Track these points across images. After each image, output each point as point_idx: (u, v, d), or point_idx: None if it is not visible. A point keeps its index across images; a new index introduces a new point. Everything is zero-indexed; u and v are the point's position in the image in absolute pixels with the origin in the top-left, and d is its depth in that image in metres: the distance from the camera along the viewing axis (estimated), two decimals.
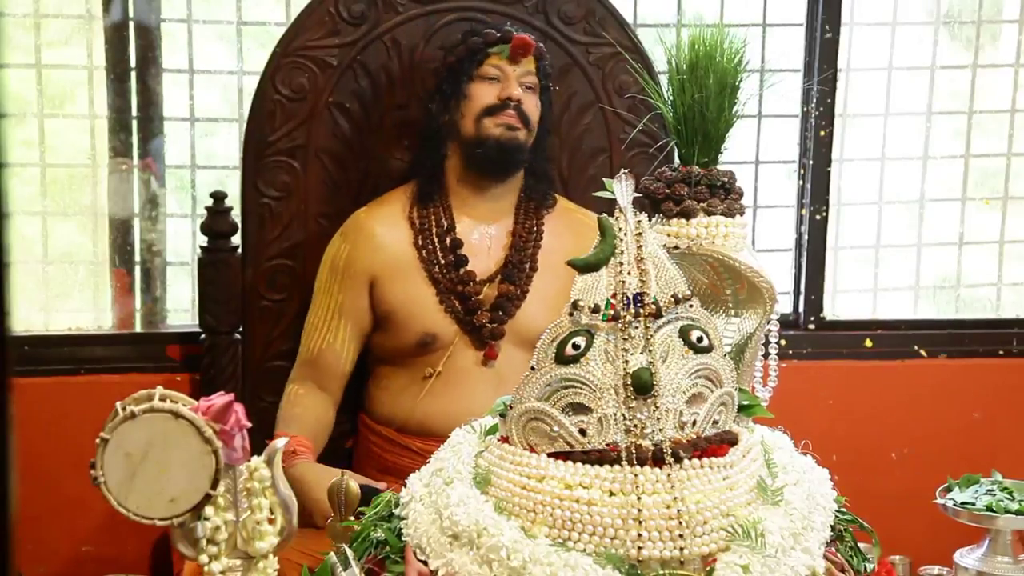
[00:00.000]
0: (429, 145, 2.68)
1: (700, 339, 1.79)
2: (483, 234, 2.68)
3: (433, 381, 2.62)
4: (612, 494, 1.71)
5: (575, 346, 1.76)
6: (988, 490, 2.58)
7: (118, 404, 1.58)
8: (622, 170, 1.89)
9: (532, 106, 2.65)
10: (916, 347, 3.25)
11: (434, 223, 2.65)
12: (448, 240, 2.64)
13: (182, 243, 3.09)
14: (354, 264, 2.65)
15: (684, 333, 1.79)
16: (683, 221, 1.98)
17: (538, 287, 2.66)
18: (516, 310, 2.64)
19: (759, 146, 3.25)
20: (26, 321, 2.96)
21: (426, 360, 2.63)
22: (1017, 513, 2.49)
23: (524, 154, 2.65)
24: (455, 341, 2.62)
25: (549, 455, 1.76)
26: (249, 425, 1.63)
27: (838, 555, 1.86)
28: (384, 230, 2.66)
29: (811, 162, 3.17)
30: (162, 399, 1.58)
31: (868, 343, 3.24)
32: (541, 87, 2.68)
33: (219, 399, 1.60)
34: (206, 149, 3.10)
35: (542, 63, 2.68)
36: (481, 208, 2.68)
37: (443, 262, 2.64)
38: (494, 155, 2.61)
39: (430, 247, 2.64)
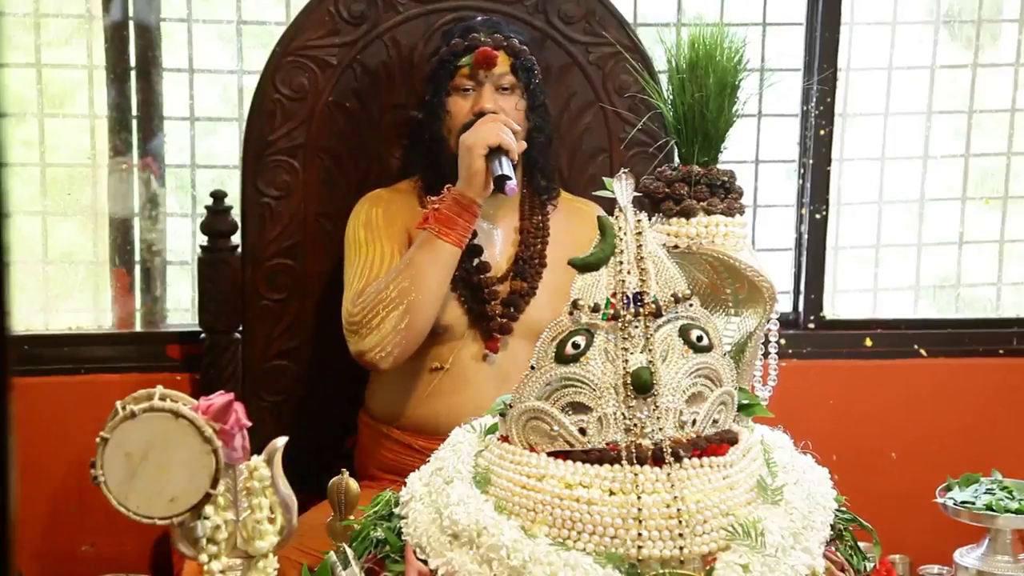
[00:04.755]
0: (420, 153, 2.66)
1: (700, 338, 1.79)
2: (490, 232, 2.64)
3: (439, 378, 2.59)
4: (612, 493, 1.71)
5: (575, 345, 1.76)
6: (988, 489, 2.58)
7: (118, 404, 1.58)
8: (622, 169, 1.89)
9: (511, 109, 2.58)
10: (916, 347, 3.25)
11: None
12: None
13: (182, 243, 3.09)
14: (393, 220, 2.60)
15: (684, 332, 1.79)
16: (683, 220, 1.98)
17: (546, 283, 2.64)
18: (527, 307, 2.62)
19: (759, 145, 3.25)
20: (26, 321, 2.96)
21: (434, 353, 2.58)
22: (1017, 512, 2.49)
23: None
24: (464, 334, 2.60)
25: (549, 454, 1.76)
26: (249, 424, 1.63)
27: (838, 554, 1.86)
28: (405, 209, 2.63)
29: (811, 161, 3.17)
30: (162, 398, 1.58)
31: (868, 343, 3.24)
32: (527, 82, 2.61)
33: (219, 398, 1.60)
34: (206, 149, 3.10)
35: (519, 60, 2.59)
36: (485, 207, 2.57)
37: None
38: None
39: None
